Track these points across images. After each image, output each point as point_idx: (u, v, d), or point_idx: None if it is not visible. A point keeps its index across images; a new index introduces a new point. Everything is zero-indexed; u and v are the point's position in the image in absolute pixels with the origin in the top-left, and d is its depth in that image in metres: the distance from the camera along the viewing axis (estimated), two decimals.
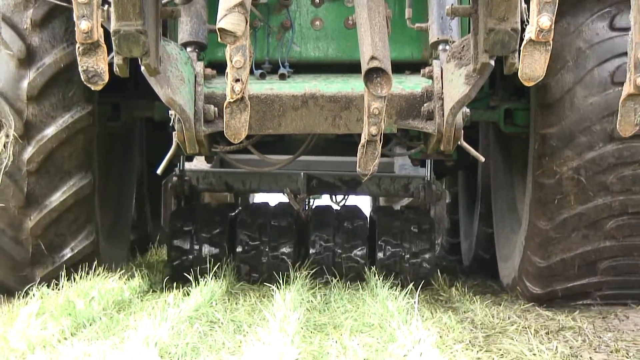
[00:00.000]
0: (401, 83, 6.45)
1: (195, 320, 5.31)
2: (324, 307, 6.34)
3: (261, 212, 8.61)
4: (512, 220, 8.08)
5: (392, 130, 6.54)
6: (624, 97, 4.46)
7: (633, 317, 6.36)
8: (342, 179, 9.41)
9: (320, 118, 6.48)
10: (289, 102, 6.46)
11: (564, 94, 6.81)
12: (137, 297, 6.55)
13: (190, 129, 6.13)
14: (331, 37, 7.20)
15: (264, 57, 7.01)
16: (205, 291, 6.32)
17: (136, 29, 5.10)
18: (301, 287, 6.72)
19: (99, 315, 5.47)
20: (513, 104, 7.66)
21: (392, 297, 5.92)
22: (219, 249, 8.22)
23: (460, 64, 6.05)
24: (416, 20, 6.61)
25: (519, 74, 4.51)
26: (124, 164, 8.88)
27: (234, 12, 4.35)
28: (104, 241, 7.64)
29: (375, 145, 5.23)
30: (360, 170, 5.33)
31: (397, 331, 4.52)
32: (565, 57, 6.77)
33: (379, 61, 4.83)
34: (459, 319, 5.91)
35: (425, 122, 6.31)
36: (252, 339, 4.46)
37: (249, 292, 7.16)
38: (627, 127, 4.49)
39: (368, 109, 5.08)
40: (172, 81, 5.92)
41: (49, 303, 5.43)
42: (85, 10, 4.28)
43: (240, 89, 4.69)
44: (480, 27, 5.46)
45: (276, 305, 5.24)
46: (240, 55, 4.55)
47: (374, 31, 4.90)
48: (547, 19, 4.21)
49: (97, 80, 4.57)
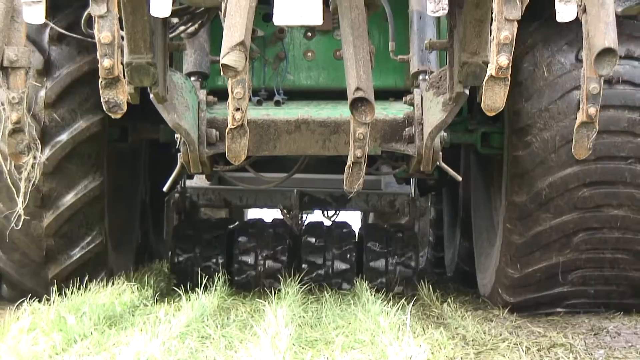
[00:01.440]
0: (385, 109, 6.73)
1: (187, 336, 5.21)
2: (315, 322, 6.22)
3: (257, 228, 8.85)
4: (490, 235, 8.25)
5: (377, 152, 6.80)
6: (578, 124, 4.78)
7: (625, 334, 6.32)
8: (333, 196, 9.72)
9: (311, 141, 6.74)
10: (283, 126, 6.74)
11: (534, 120, 7.04)
12: (128, 312, 6.43)
13: (194, 151, 6.41)
14: (322, 67, 7.48)
15: (261, 85, 7.28)
16: (197, 306, 6.22)
17: (147, 61, 5.32)
18: (293, 303, 6.63)
19: (90, 331, 5.34)
20: (489, 127, 7.84)
21: (384, 313, 5.80)
22: (217, 261, 8.45)
23: (438, 92, 6.29)
24: (399, 53, 6.84)
25: (482, 105, 4.67)
26: (131, 181, 9.08)
27: (236, 50, 4.48)
28: (112, 246, 7.83)
29: (360, 166, 5.38)
30: (347, 188, 5.48)
31: (389, 348, 4.44)
32: (535, 87, 7.00)
33: (363, 92, 5.01)
34: (451, 335, 5.79)
35: (407, 145, 6.59)
36: (244, 355, 4.41)
37: (240, 307, 7.05)
38: (581, 151, 4.82)
39: (354, 134, 5.22)
40: (178, 108, 6.17)
41: (40, 318, 5.32)
42: (107, 50, 4.49)
43: (241, 117, 4.88)
44: (455, 60, 5.69)
45: (267, 320, 5.12)
46: (241, 87, 4.75)
47: (359, 65, 5.06)
48: (505, 58, 4.37)
49: (117, 109, 4.77)
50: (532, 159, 7.08)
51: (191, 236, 8.60)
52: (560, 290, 7.29)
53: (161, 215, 10.57)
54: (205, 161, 6.55)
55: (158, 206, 10.39)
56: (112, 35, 4.37)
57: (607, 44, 4.37)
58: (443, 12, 4.41)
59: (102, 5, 4.27)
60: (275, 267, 8.51)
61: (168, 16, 4.60)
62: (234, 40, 4.46)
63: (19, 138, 4.81)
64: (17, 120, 4.73)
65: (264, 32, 6.69)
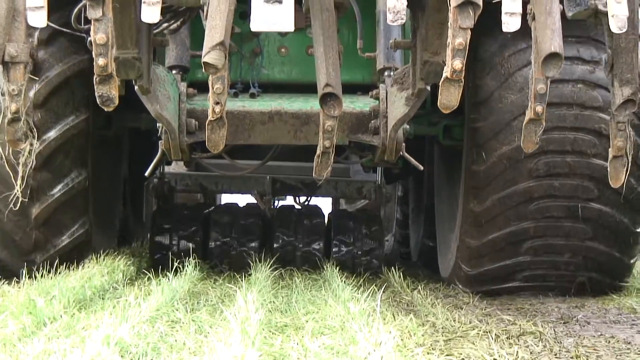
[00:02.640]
0: (353, 103, 7.00)
1: (157, 320, 5.12)
2: (285, 307, 6.12)
3: (232, 211, 9.14)
4: (451, 220, 8.44)
5: (345, 143, 7.08)
6: (527, 121, 5.02)
7: (594, 322, 6.24)
8: (304, 182, 9.97)
9: (284, 131, 7.02)
10: (257, 117, 7.01)
11: (490, 96, 7.35)
12: (98, 296, 6.30)
13: (175, 139, 6.71)
14: (294, 62, 7.74)
15: (237, 79, 7.47)
16: (167, 290, 6.09)
17: (132, 56, 5.55)
18: (263, 288, 6.52)
19: (59, 314, 5.17)
20: (451, 121, 8.06)
21: (354, 299, 5.67)
22: (193, 244, 8.68)
23: (401, 88, 6.58)
24: (366, 50, 7.06)
25: (438, 104, 4.80)
26: (113, 167, 9.26)
27: (216, 49, 4.67)
28: (96, 231, 8.09)
29: (328, 155, 5.53)
30: (316, 175, 5.64)
31: (359, 334, 4.36)
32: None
33: (332, 87, 5.19)
34: (420, 322, 5.64)
35: (372, 136, 6.88)
36: (214, 339, 4.31)
37: (210, 292, 6.96)
38: (529, 145, 5.08)
39: (323, 126, 5.38)
40: (161, 99, 6.45)
41: (9, 301, 5.21)
42: (102, 49, 4.66)
43: (220, 110, 5.04)
44: (417, 59, 6.00)
45: (237, 305, 4.98)
46: (220, 83, 4.90)
47: (329, 63, 5.22)
48: (459, 62, 4.51)
49: (110, 103, 4.91)
50: (489, 129, 7.36)
51: (170, 218, 8.86)
52: (517, 260, 7.53)
53: (140, 199, 10.77)
54: (184, 149, 6.82)
55: (137, 191, 10.59)
56: (106, 37, 4.59)
57: (553, 49, 4.62)
58: (401, 22, 4.58)
59: (98, 9, 4.50)
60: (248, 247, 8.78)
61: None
62: (214, 40, 4.66)
63: (17, 126, 5.00)
64: (16, 110, 4.93)
65: (241, 29, 6.92)
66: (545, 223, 7.40)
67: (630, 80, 5.13)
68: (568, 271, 7.58)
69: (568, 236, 7.43)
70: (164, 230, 8.80)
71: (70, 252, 7.65)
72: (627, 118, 5.23)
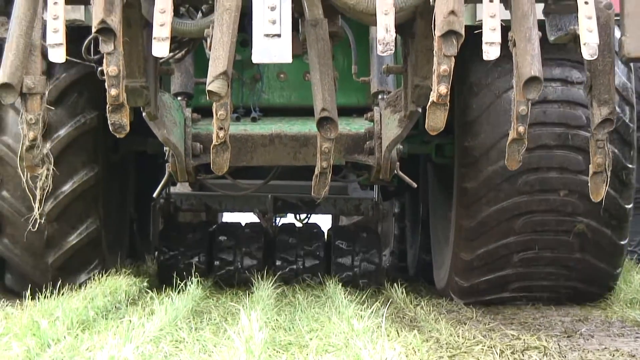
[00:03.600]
0: (348, 125, 7.15)
1: (160, 340, 5.01)
2: (289, 325, 5.92)
3: (235, 229, 9.34)
4: (445, 233, 8.50)
5: (341, 163, 7.26)
6: (510, 140, 5.17)
7: (598, 336, 6.14)
8: (303, 200, 10.09)
9: (284, 153, 7.21)
10: (259, 140, 7.19)
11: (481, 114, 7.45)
12: (101, 317, 6.12)
13: (181, 162, 6.91)
14: (293, 87, 7.90)
15: (239, 104, 7.65)
16: (170, 310, 5.94)
17: (140, 84, 5.79)
18: (266, 307, 6.37)
19: (63, 335, 5.05)
20: (442, 140, 8.15)
21: (358, 316, 5.50)
22: (199, 260, 8.90)
23: (394, 110, 6.78)
24: (361, 75, 7.31)
25: (426, 126, 4.91)
26: (121, 187, 9.38)
27: (219, 79, 4.85)
28: (106, 245, 8.19)
29: (326, 176, 5.63)
30: (314, 194, 5.75)
31: (363, 351, 4.28)
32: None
33: (328, 112, 5.34)
34: (425, 338, 5.54)
35: (368, 156, 7.05)
36: (218, 358, 4.30)
37: (213, 311, 6.81)
38: (512, 163, 5.25)
39: (320, 148, 5.50)
40: (167, 124, 6.67)
41: (12, 323, 5.07)
42: (114, 81, 4.82)
43: (223, 135, 5.19)
44: (408, 83, 6.24)
45: (241, 324, 4.85)
46: (224, 109, 5.04)
47: (324, 89, 5.37)
48: (444, 87, 4.67)
49: (121, 130, 5.04)
50: (478, 149, 7.49)
51: (176, 237, 9.06)
52: (507, 272, 7.68)
53: (147, 219, 10.93)
54: (190, 171, 7.02)
55: (143, 211, 10.73)
56: (118, 69, 4.78)
57: (533, 73, 4.79)
58: (390, 52, 4.74)
59: (110, 44, 4.71)
60: (251, 263, 8.95)
61: None
62: (218, 70, 4.85)
63: (34, 153, 5.16)
64: (34, 138, 5.10)
65: (241, 56, 6.96)
66: (533, 237, 7.53)
67: (608, 100, 5.29)
68: (555, 282, 7.73)
69: (555, 249, 7.56)
70: (171, 248, 8.99)
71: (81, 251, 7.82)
72: (606, 136, 5.36)
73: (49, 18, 4.80)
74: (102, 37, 4.72)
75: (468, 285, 7.87)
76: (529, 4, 4.90)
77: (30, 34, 4.93)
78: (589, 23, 4.83)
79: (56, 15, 4.78)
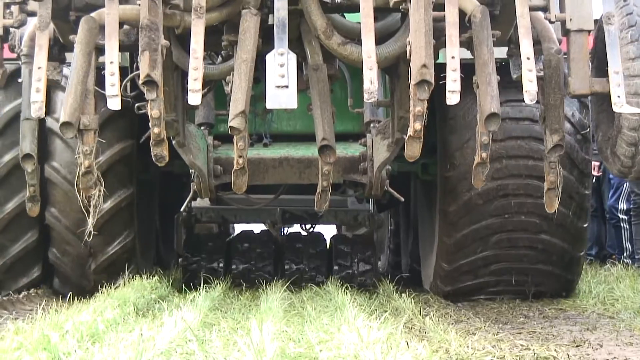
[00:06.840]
0: (345, 149, 7.61)
1: (171, 353, 4.80)
2: (299, 336, 5.54)
3: (250, 238, 9.97)
4: (431, 240, 8.88)
5: (340, 181, 7.85)
6: (475, 164, 5.56)
7: (607, 345, 5.95)
8: (308, 213, 10.69)
9: (291, 173, 7.69)
10: (270, 162, 7.68)
11: (457, 150, 7.93)
12: (111, 330, 5.78)
13: (205, 182, 7.48)
14: (298, 117, 8.33)
15: (253, 131, 8.04)
16: (180, 322, 5.64)
17: (172, 118, 6.22)
18: (274, 316, 6.13)
19: (74, 349, 4.82)
20: (427, 159, 8.56)
21: (368, 327, 5.21)
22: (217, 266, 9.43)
23: (384, 137, 7.19)
24: (356, 106, 7.76)
25: (405, 154, 5.25)
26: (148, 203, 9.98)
27: (239, 116, 5.31)
28: (138, 245, 8.69)
29: (326, 193, 6.06)
30: (317, 208, 6.22)
31: None
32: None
33: (328, 141, 5.79)
34: (434, 349, 5.26)
35: (362, 175, 7.51)
36: None
37: (222, 322, 6.46)
38: (478, 182, 5.75)
39: (321, 170, 5.93)
40: (193, 150, 7.08)
41: (23, 337, 4.87)
42: (157, 121, 5.23)
43: (242, 161, 5.59)
44: (395, 115, 6.61)
45: (251, 336, 4.74)
46: (242, 141, 5.48)
47: (324, 121, 5.82)
48: (419, 124, 5.06)
49: (162, 160, 5.43)
50: (456, 178, 7.99)
51: (198, 245, 9.66)
52: (482, 280, 8.29)
53: (170, 230, 11.47)
54: (212, 189, 7.61)
55: (167, 224, 11.32)
56: (159, 112, 5.23)
57: (493, 110, 5.22)
58: (374, 100, 5.26)
59: (153, 93, 5.25)
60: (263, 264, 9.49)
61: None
62: (237, 110, 5.36)
63: (88, 177, 5.77)
64: (88, 165, 5.71)
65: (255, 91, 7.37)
66: (504, 251, 8.16)
67: (558, 129, 5.79)
68: (523, 286, 8.43)
69: (521, 261, 8.24)
70: (194, 255, 9.51)
71: (120, 258, 8.32)
72: (557, 159, 5.85)
73: (107, 74, 5.35)
74: (147, 88, 5.18)
75: (449, 289, 8.53)
76: (489, 54, 5.44)
77: (85, 82, 5.57)
78: (529, 75, 5.44)
79: (112, 72, 5.35)
